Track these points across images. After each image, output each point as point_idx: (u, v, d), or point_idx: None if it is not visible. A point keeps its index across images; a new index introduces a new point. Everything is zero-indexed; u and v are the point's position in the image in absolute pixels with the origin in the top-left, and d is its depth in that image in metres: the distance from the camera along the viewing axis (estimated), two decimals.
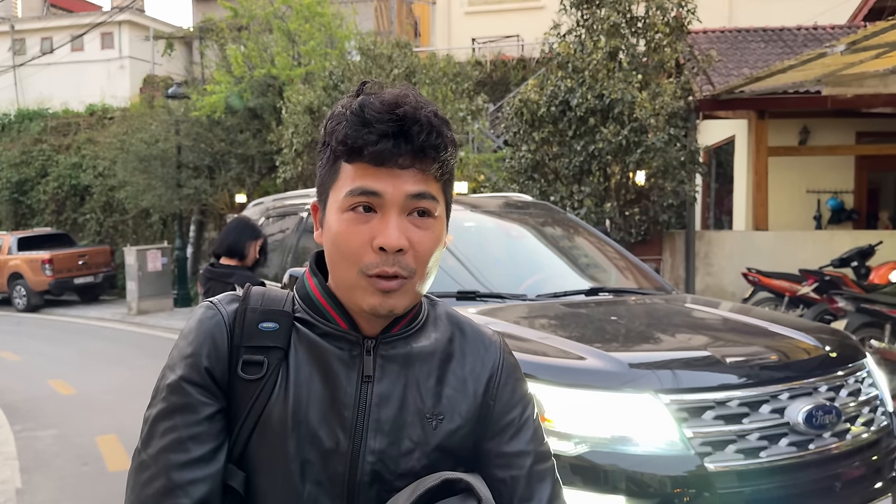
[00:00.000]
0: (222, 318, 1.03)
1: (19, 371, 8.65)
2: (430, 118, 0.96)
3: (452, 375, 1.07)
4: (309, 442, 0.99)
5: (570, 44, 9.34)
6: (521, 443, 1.07)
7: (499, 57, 16.86)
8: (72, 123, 20.32)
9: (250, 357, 1.00)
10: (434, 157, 0.97)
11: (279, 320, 1.03)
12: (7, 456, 5.39)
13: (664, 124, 8.74)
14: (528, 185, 9.30)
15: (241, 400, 1.00)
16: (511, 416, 1.09)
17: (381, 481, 1.00)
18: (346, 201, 0.97)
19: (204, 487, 0.97)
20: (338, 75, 11.65)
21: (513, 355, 1.15)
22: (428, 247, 0.99)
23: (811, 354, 2.76)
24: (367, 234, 0.96)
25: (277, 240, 4.88)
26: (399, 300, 0.98)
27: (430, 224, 0.99)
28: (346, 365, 1.01)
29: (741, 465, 2.35)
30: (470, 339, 1.11)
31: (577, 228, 4.36)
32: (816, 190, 11.53)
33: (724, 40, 11.60)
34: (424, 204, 0.98)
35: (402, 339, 1.05)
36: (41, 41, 24.48)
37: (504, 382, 1.10)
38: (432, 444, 1.02)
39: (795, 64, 7.51)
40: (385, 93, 0.98)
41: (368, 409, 1.00)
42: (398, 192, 0.96)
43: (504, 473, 1.06)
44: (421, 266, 0.99)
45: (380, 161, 0.95)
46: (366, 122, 0.94)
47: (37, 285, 15.11)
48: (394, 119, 0.94)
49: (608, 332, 2.99)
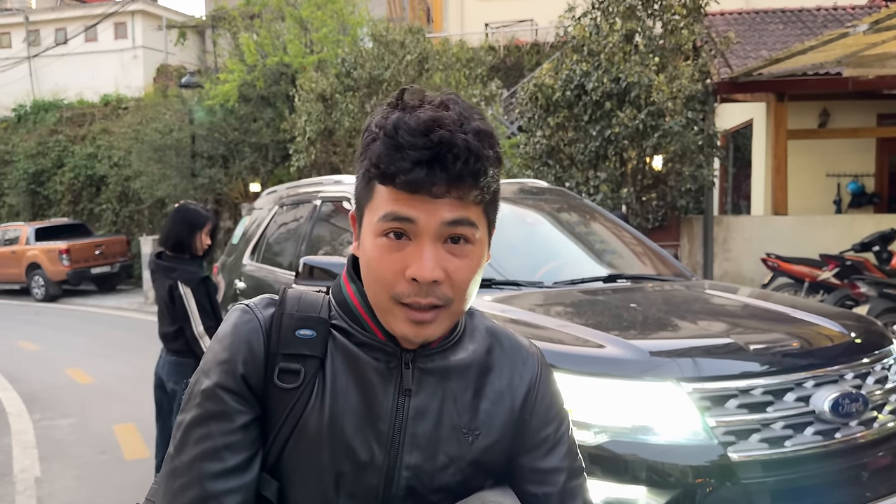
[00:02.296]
0: (259, 323, 0.99)
1: (38, 360, 8.73)
2: (468, 143, 0.88)
3: (490, 388, 1.04)
4: (343, 454, 0.96)
5: (586, 26, 9.21)
6: (555, 459, 1.05)
7: (512, 42, 16.72)
8: (87, 114, 20.44)
9: (287, 365, 0.97)
10: (472, 185, 0.90)
11: (316, 328, 1.00)
12: (26, 445, 5.44)
13: (681, 108, 8.61)
14: (543, 171, 9.22)
15: (276, 408, 0.97)
16: (547, 431, 1.06)
17: (415, 496, 0.98)
18: (379, 226, 0.93)
19: (238, 497, 0.95)
20: (350, 62, 11.59)
21: (549, 367, 1.12)
22: (465, 276, 0.93)
23: (836, 341, 2.69)
24: (400, 263, 0.91)
25: (291, 228, 4.85)
26: (434, 329, 0.94)
27: (468, 251, 0.93)
28: (383, 377, 0.98)
29: (765, 455, 2.29)
30: (508, 351, 1.08)
31: (594, 214, 4.29)
32: (836, 173, 11.36)
33: (741, 22, 11.42)
34: (461, 231, 0.92)
35: (440, 352, 1.01)
36: (55, 32, 24.61)
37: (542, 397, 1.07)
38: (467, 459, 1.00)
39: (816, 45, 7.36)
40: (422, 109, 0.91)
41: (405, 423, 0.98)
42: (433, 220, 0.90)
43: (537, 489, 1.03)
44: (458, 294, 0.94)
45: (413, 189, 0.89)
46: (399, 146, 0.88)
47: (54, 275, 15.25)
48: (428, 145, 0.87)
49: (627, 319, 2.93)
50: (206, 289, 3.62)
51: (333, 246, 4.26)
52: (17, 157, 19.68)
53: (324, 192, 4.58)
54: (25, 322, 12.40)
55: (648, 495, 2.21)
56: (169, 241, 3.65)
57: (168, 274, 3.59)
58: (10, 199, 19.82)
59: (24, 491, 4.47)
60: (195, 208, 3.78)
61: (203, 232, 3.67)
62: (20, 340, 10.05)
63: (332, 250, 4.20)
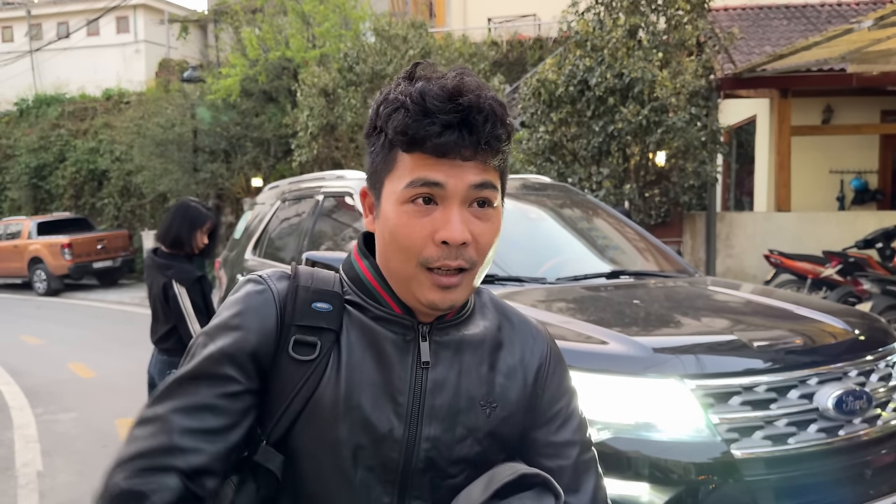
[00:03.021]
0: (272, 294, 0.99)
1: (40, 354, 8.73)
2: (493, 107, 0.92)
3: (503, 363, 1.06)
4: (361, 427, 0.96)
5: (589, 21, 9.17)
6: (568, 432, 1.08)
7: (515, 37, 16.66)
8: (88, 108, 20.43)
9: (303, 337, 0.98)
10: (497, 148, 0.93)
11: (332, 301, 1.00)
12: (28, 439, 5.44)
13: (685, 104, 8.58)
14: (546, 166, 9.19)
15: (287, 381, 0.97)
16: (559, 405, 1.09)
17: (434, 468, 0.99)
18: (405, 193, 0.93)
19: (201, 459, 0.93)
20: (352, 57, 11.57)
21: (557, 345, 1.15)
22: (489, 239, 0.96)
23: (840, 338, 2.69)
24: (428, 228, 0.93)
25: (293, 223, 4.85)
26: (460, 294, 0.96)
27: (491, 215, 0.96)
28: (401, 350, 0.99)
29: (769, 452, 2.29)
30: (518, 328, 1.11)
31: (597, 210, 4.28)
32: (840, 170, 11.32)
33: (745, 17, 11.37)
34: (486, 194, 0.94)
35: (454, 325, 1.03)
36: (57, 26, 24.58)
37: (552, 372, 1.10)
38: (485, 430, 1.02)
39: (820, 41, 7.33)
40: (446, 78, 0.93)
41: (424, 395, 0.98)
42: (461, 183, 0.92)
43: (551, 463, 1.06)
44: (482, 258, 0.97)
45: (442, 152, 0.91)
46: (427, 111, 0.90)
47: (56, 269, 15.27)
48: (458, 109, 0.90)
49: (630, 315, 2.92)
50: (201, 288, 3.58)
51: (335, 241, 4.25)
52: (20, 151, 19.68)
53: (326, 187, 4.57)
54: (27, 316, 12.42)
55: (651, 492, 2.21)
56: (168, 238, 3.59)
57: (163, 272, 3.54)
58: (12, 194, 19.82)
59: (27, 485, 4.48)
60: (196, 206, 3.73)
61: (202, 230, 3.62)
62: (22, 335, 10.06)
63: (334, 245, 4.20)
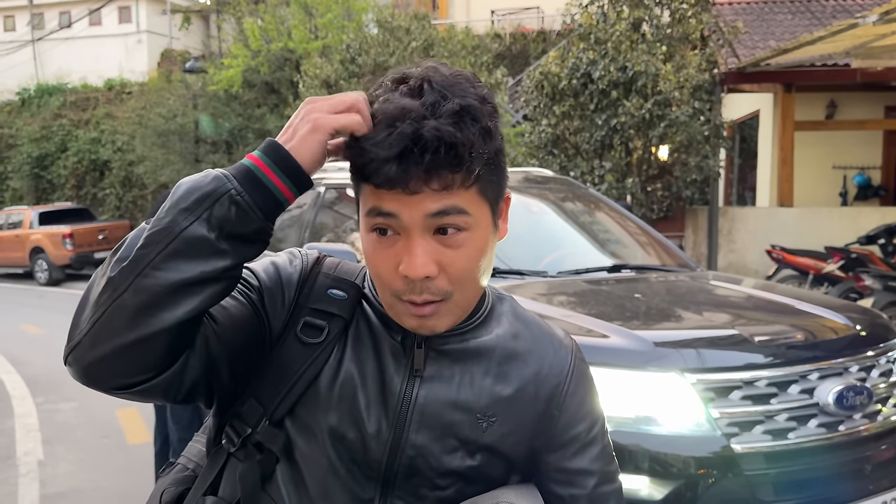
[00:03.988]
0: (301, 267, 1.00)
1: (41, 344, 8.76)
2: (438, 130, 0.81)
3: (513, 375, 0.98)
4: (350, 420, 0.94)
5: (593, 14, 9.14)
6: (585, 460, 0.99)
7: (518, 29, 16.64)
8: (90, 98, 20.43)
9: (312, 320, 0.96)
10: (452, 171, 0.83)
11: (348, 291, 0.99)
12: (29, 428, 5.46)
13: (688, 98, 8.56)
14: (548, 160, 9.18)
15: (291, 361, 0.96)
16: (577, 429, 1.00)
17: (419, 475, 0.95)
18: (366, 221, 0.90)
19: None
20: (355, 48, 11.54)
21: (585, 362, 1.06)
22: (462, 265, 0.88)
23: (841, 333, 2.68)
24: (392, 261, 0.88)
25: (294, 215, 4.84)
26: (437, 322, 0.91)
27: (462, 240, 0.88)
28: (397, 354, 0.96)
29: (769, 447, 2.29)
30: (538, 339, 1.03)
31: (599, 204, 4.27)
32: (843, 165, 11.29)
33: (750, 11, 11.33)
34: (448, 220, 0.86)
35: (458, 334, 0.97)
36: (59, 15, 24.53)
37: (572, 392, 1.01)
38: (479, 444, 0.96)
39: (825, 35, 7.30)
40: (393, 97, 0.85)
41: (413, 402, 0.95)
42: (416, 214, 0.85)
43: (563, 491, 0.99)
44: (458, 285, 0.89)
45: (389, 186, 0.83)
46: (369, 137, 0.84)
47: (58, 259, 15.28)
48: (395, 139, 0.81)
49: (631, 309, 2.92)
50: None
51: (336, 233, 4.24)
52: (21, 140, 19.68)
53: (328, 178, 4.56)
54: (29, 305, 12.44)
55: (651, 486, 2.21)
56: None
57: None
58: (13, 183, 19.83)
59: (27, 474, 4.49)
60: None
61: None
62: (23, 324, 10.09)
63: (335, 237, 4.19)
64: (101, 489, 4.22)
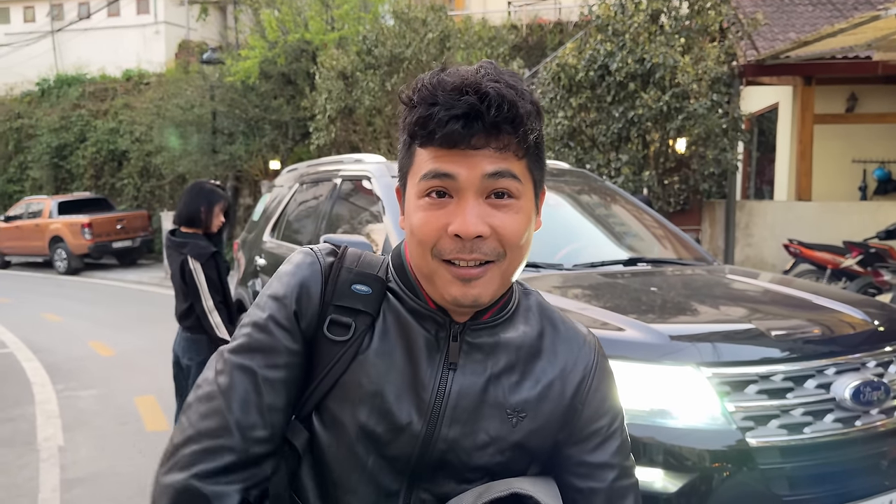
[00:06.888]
0: (320, 267, 1.00)
1: (61, 332, 8.86)
2: (500, 91, 0.87)
3: (540, 372, 1.01)
4: (380, 415, 0.95)
5: (611, 6, 9.07)
6: (605, 454, 1.01)
7: (535, 20, 16.53)
8: (109, 89, 20.56)
9: (338, 317, 0.97)
10: (511, 133, 0.89)
11: (373, 285, 0.99)
12: (50, 414, 5.54)
13: (707, 90, 8.48)
14: (564, 152, 9.14)
15: (320, 359, 0.97)
16: (599, 424, 1.02)
17: (448, 469, 0.96)
18: (421, 186, 0.91)
19: (264, 434, 0.94)
20: (371, 40, 11.52)
21: (607, 358, 1.08)
22: (514, 229, 0.91)
23: (858, 329, 2.66)
24: (442, 220, 0.90)
25: (311, 206, 4.87)
26: (483, 289, 0.92)
27: (514, 206, 0.91)
28: (430, 347, 0.97)
29: (784, 441, 2.28)
30: (563, 336, 1.05)
31: (615, 197, 4.26)
32: (862, 159, 11.15)
33: (769, 3, 11.18)
34: (503, 184, 0.90)
35: (490, 327, 0.99)
36: (78, 6, 24.69)
37: (595, 388, 1.03)
38: (510, 440, 0.97)
39: (846, 27, 7.20)
40: (459, 70, 0.91)
41: (447, 395, 0.96)
42: (473, 174, 0.89)
43: (582, 484, 1.01)
44: (511, 250, 0.91)
45: (452, 143, 0.88)
46: (434, 103, 0.88)
47: (77, 249, 15.45)
48: (461, 97, 0.87)
49: (647, 303, 2.91)
50: (216, 263, 3.65)
51: (352, 224, 4.26)
52: (41, 130, 19.87)
53: (344, 170, 4.58)
54: (48, 294, 12.60)
55: (665, 478, 2.21)
56: (182, 217, 3.70)
57: (179, 250, 3.62)
58: (33, 173, 20.04)
59: (48, 459, 4.57)
60: (211, 186, 3.84)
61: (217, 208, 3.72)
62: (44, 312, 10.22)
63: (350, 229, 4.21)
64: (120, 474, 4.29)
